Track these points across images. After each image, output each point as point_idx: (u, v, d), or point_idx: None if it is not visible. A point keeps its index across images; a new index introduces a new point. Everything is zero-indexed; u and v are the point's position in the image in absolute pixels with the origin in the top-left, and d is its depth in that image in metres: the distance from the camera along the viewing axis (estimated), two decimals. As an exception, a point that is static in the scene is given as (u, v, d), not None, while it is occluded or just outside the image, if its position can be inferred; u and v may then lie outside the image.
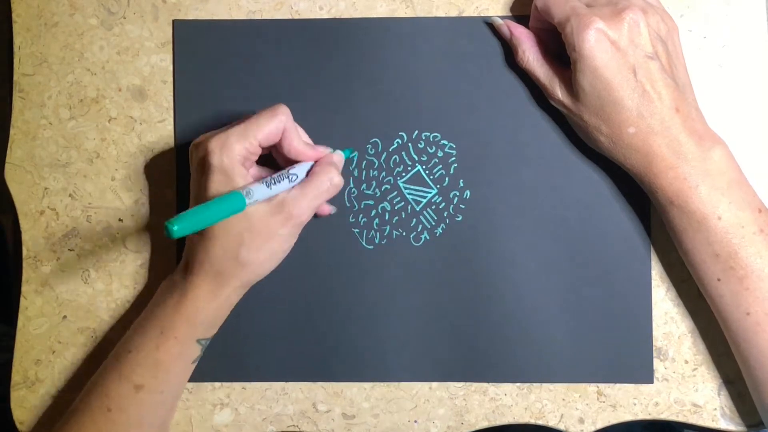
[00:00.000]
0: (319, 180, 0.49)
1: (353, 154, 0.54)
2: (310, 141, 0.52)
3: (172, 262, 0.55)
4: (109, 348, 0.55)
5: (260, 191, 0.47)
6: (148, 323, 0.50)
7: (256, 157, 0.49)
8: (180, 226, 0.43)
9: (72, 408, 0.51)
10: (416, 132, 0.55)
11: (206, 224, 0.45)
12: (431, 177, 0.55)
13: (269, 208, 0.48)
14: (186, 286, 0.49)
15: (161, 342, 0.49)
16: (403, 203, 0.55)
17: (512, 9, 0.54)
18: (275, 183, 0.48)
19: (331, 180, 0.49)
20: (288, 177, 0.49)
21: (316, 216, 0.52)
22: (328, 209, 0.53)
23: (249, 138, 0.48)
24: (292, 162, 0.50)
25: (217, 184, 0.47)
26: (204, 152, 0.48)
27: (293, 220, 0.48)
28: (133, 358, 0.49)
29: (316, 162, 0.50)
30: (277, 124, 0.48)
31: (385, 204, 0.55)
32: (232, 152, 0.47)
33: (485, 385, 0.55)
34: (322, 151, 0.51)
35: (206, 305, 0.49)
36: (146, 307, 0.51)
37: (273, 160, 0.52)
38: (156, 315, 0.50)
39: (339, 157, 0.52)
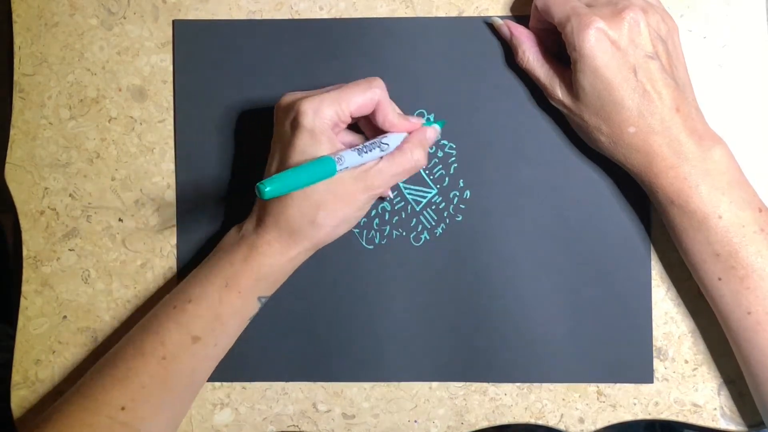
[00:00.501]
0: (404, 157, 0.49)
1: (442, 123, 0.54)
2: (401, 113, 0.51)
3: (172, 262, 0.55)
4: (109, 348, 0.55)
5: (351, 158, 0.47)
6: (211, 274, 0.49)
7: (345, 125, 0.49)
8: (272, 187, 0.43)
9: (119, 350, 0.50)
10: (416, 132, 0.55)
11: (297, 187, 0.45)
12: (431, 177, 0.55)
13: (353, 175, 0.47)
14: (257, 241, 0.48)
15: (224, 295, 0.48)
16: (403, 203, 0.55)
17: (512, 9, 0.54)
18: (367, 151, 0.48)
19: (416, 159, 0.49)
20: (380, 146, 0.48)
21: (380, 199, 0.52)
22: (388, 193, 0.54)
23: (342, 105, 0.47)
24: (379, 132, 0.50)
25: (304, 145, 0.47)
26: (296, 112, 0.47)
27: (373, 191, 0.48)
28: (194, 310, 0.48)
29: (408, 133, 0.50)
30: (371, 96, 0.48)
31: (385, 204, 0.55)
32: (324, 116, 0.47)
33: (485, 385, 0.55)
34: (415, 122, 0.50)
35: (275, 262, 0.49)
36: (207, 258, 0.51)
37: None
38: (221, 267, 0.49)
39: (432, 131, 0.51)
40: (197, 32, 0.55)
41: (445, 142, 0.55)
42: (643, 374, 0.54)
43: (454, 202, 0.55)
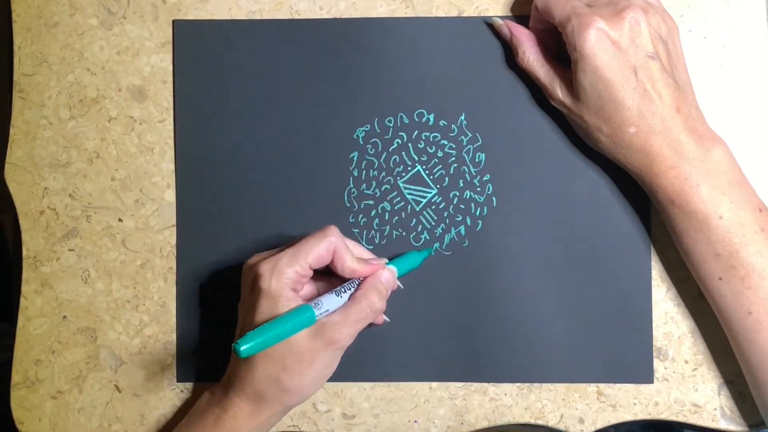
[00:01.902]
0: (360, 306, 0.48)
1: (428, 252, 0.54)
2: (365, 252, 0.51)
3: (172, 262, 0.55)
4: (108, 348, 0.55)
5: (330, 302, 0.47)
6: None
7: (308, 279, 0.49)
8: (248, 345, 0.43)
9: None
10: (416, 132, 0.55)
11: (275, 341, 0.45)
12: (431, 177, 0.55)
13: (310, 332, 0.47)
14: (226, 404, 0.48)
15: None
16: (403, 203, 0.55)
17: (512, 9, 0.54)
18: (345, 291, 0.48)
19: (372, 306, 0.48)
20: (336, 292, 0.48)
21: (371, 325, 0.50)
22: (381, 319, 0.52)
23: (299, 261, 0.47)
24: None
25: (264, 309, 0.47)
26: (254, 275, 0.47)
27: (334, 345, 0.47)
28: None
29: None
30: (327, 246, 0.48)
31: (385, 204, 0.55)
32: (282, 277, 0.47)
33: (485, 385, 0.55)
34: (376, 264, 0.49)
35: (245, 425, 0.48)
36: (185, 418, 0.51)
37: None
38: (195, 429, 0.49)
39: (389, 274, 0.50)
40: (197, 32, 0.55)
41: (445, 142, 0.55)
42: (643, 374, 0.54)
43: (454, 203, 0.55)
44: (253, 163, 0.55)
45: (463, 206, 0.55)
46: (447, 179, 0.55)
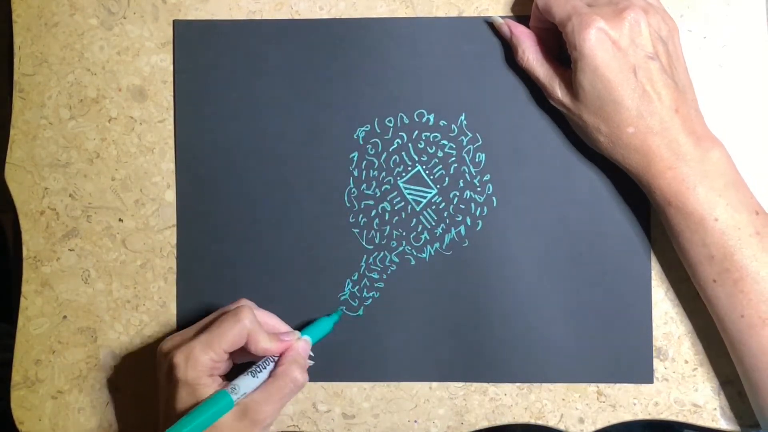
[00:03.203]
0: (282, 382, 0.48)
1: (338, 315, 0.54)
2: (278, 324, 0.51)
3: (172, 262, 0.55)
4: (108, 348, 0.55)
5: (246, 383, 0.47)
6: None
7: (224, 362, 0.48)
8: None
9: None
10: (416, 132, 0.55)
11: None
12: (431, 177, 0.55)
13: (234, 415, 0.47)
14: None
15: None
16: (403, 203, 0.55)
17: (513, 9, 0.54)
18: (260, 371, 0.48)
19: (294, 381, 0.48)
20: (251, 372, 0.48)
21: None
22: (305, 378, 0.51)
23: (214, 348, 0.47)
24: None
25: (183, 399, 0.47)
26: (169, 365, 0.47)
27: (260, 424, 0.47)
28: None
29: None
30: (240, 330, 0.47)
31: (385, 204, 0.55)
32: (197, 365, 0.46)
33: (485, 385, 0.55)
34: (288, 340, 0.49)
35: None
36: None
37: None
38: None
39: (304, 346, 0.50)
40: (197, 32, 0.55)
41: (445, 142, 0.55)
42: (643, 374, 0.54)
43: (454, 203, 0.55)
44: (253, 163, 0.55)
45: (463, 206, 0.55)
46: (447, 179, 0.55)
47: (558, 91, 0.50)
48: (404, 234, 0.55)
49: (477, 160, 0.54)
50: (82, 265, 0.55)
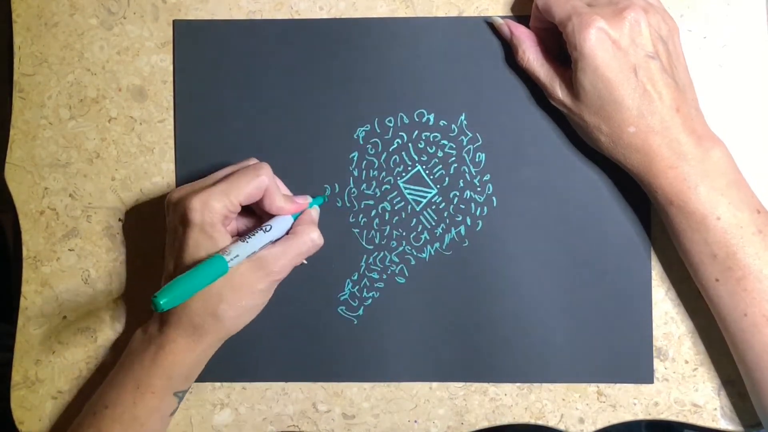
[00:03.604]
0: (301, 240, 0.49)
1: (325, 199, 0.54)
2: (288, 192, 0.52)
3: (172, 262, 0.55)
4: (108, 348, 0.55)
5: (240, 249, 0.47)
6: (123, 377, 0.49)
7: (235, 215, 0.49)
8: (167, 299, 0.43)
9: None
10: (416, 132, 0.55)
11: (193, 292, 0.45)
12: (431, 177, 0.55)
13: (250, 265, 0.48)
14: (162, 340, 0.49)
15: (138, 397, 0.49)
16: (403, 203, 0.55)
17: (513, 9, 0.54)
18: (251, 236, 0.48)
19: (313, 240, 0.50)
20: (264, 230, 0.49)
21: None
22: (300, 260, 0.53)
23: (230, 197, 0.47)
24: (270, 215, 0.50)
25: (197, 243, 0.47)
26: (184, 209, 0.47)
27: (273, 276, 0.48)
28: (110, 414, 0.49)
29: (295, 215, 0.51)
30: (258, 184, 0.48)
31: (385, 204, 0.55)
32: (213, 210, 0.47)
33: (485, 385, 0.55)
34: (302, 203, 0.51)
35: (183, 358, 0.49)
36: (120, 359, 0.51)
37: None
38: (132, 369, 0.49)
39: (316, 213, 0.52)
40: (197, 32, 0.55)
41: (445, 142, 0.55)
42: (643, 374, 0.54)
43: (454, 202, 0.55)
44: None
45: (463, 206, 0.55)
46: (447, 179, 0.55)
47: (558, 91, 0.50)
48: (404, 234, 0.55)
49: (477, 160, 0.54)
50: (82, 265, 0.55)
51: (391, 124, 0.55)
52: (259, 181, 0.48)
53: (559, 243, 0.54)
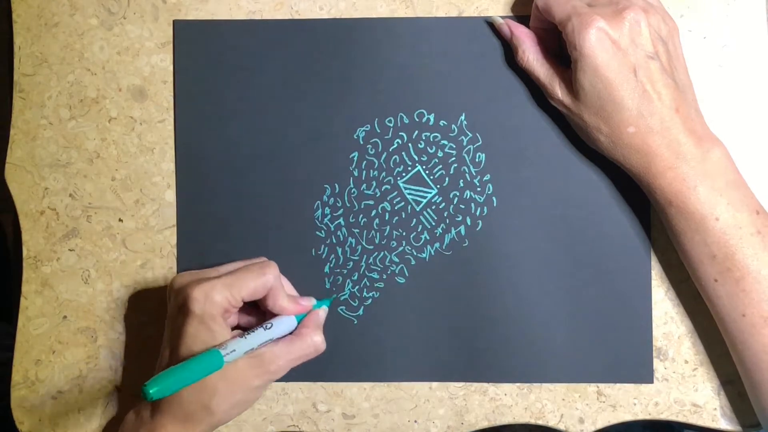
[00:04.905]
0: (305, 343, 0.49)
1: (332, 301, 0.54)
2: (294, 292, 0.52)
3: (172, 262, 0.55)
4: (108, 348, 0.55)
5: (238, 345, 0.47)
6: None
7: (236, 309, 0.49)
8: (157, 389, 0.43)
9: None
10: (416, 132, 0.55)
11: (185, 384, 0.45)
12: (431, 177, 0.55)
13: (248, 361, 0.47)
14: (153, 426, 0.48)
15: None
16: (403, 203, 0.55)
17: (513, 9, 0.54)
18: (251, 333, 0.48)
19: (316, 344, 0.49)
20: (264, 326, 0.49)
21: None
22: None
23: (234, 292, 0.47)
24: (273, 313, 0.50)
25: (195, 334, 0.47)
26: (185, 298, 0.47)
27: (270, 375, 0.48)
28: None
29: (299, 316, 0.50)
30: (264, 283, 0.48)
31: (385, 204, 0.55)
32: (215, 302, 0.47)
33: (485, 385, 0.55)
34: (305, 305, 0.51)
35: None
36: None
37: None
38: None
39: (324, 313, 0.52)
40: (197, 32, 0.55)
41: (445, 142, 0.55)
42: (643, 374, 0.54)
43: (454, 203, 0.55)
44: (253, 163, 0.55)
45: (463, 206, 0.55)
46: (447, 179, 0.55)
47: (558, 91, 0.50)
48: (404, 234, 0.55)
49: (477, 160, 0.54)
50: (82, 265, 0.55)
51: (391, 124, 0.55)
52: (264, 279, 0.48)
53: (559, 243, 0.54)
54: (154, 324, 0.55)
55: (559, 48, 0.52)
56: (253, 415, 0.55)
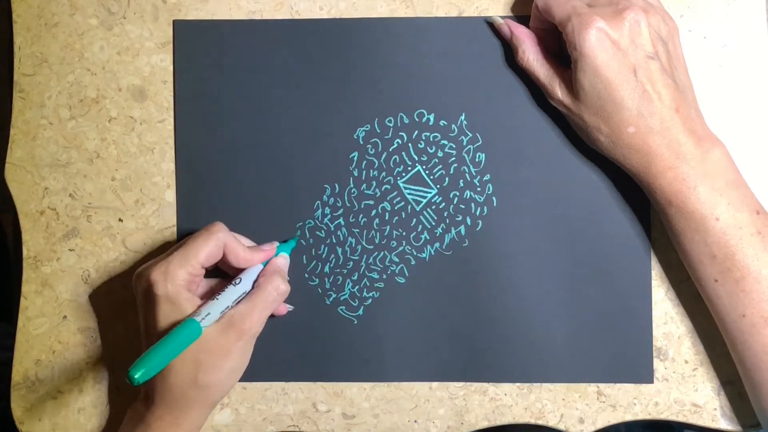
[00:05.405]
0: (266, 291, 0.49)
1: (297, 238, 0.54)
2: (252, 243, 0.52)
3: (172, 262, 0.55)
4: (108, 348, 0.55)
5: (211, 307, 0.47)
6: None
7: (201, 278, 0.49)
8: (142, 372, 0.43)
9: None
10: (416, 132, 0.55)
11: (168, 360, 0.45)
12: (431, 177, 0.55)
13: (220, 327, 0.47)
14: (149, 418, 0.48)
15: None
16: (403, 203, 0.55)
17: (513, 9, 0.54)
18: (222, 293, 0.48)
19: (277, 289, 0.49)
20: (233, 283, 0.49)
21: (272, 316, 0.53)
22: (284, 309, 0.53)
23: (190, 261, 0.47)
24: (240, 270, 0.50)
25: (165, 314, 0.47)
26: (147, 283, 0.47)
27: (245, 334, 0.47)
28: None
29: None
30: (216, 243, 0.48)
31: (385, 204, 0.55)
32: (176, 279, 0.47)
33: (485, 385, 0.55)
34: (268, 249, 0.51)
35: None
36: None
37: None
38: None
39: (284, 260, 0.52)
40: (197, 32, 0.55)
41: (445, 142, 0.55)
42: (643, 374, 0.54)
43: (454, 203, 0.55)
44: (253, 163, 0.55)
45: (463, 206, 0.55)
46: (447, 179, 0.55)
47: (558, 91, 0.50)
48: (404, 234, 0.55)
49: (477, 160, 0.54)
50: (82, 265, 0.55)
51: (391, 124, 0.55)
52: (215, 238, 0.48)
53: (559, 243, 0.54)
54: (154, 324, 0.55)
55: (559, 48, 0.52)
56: (253, 415, 0.55)
